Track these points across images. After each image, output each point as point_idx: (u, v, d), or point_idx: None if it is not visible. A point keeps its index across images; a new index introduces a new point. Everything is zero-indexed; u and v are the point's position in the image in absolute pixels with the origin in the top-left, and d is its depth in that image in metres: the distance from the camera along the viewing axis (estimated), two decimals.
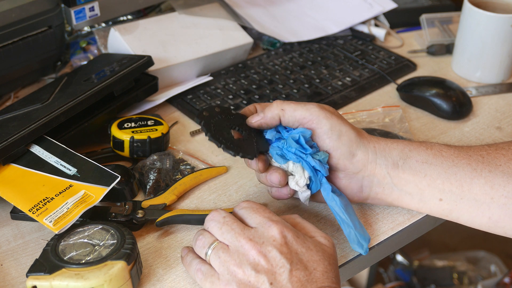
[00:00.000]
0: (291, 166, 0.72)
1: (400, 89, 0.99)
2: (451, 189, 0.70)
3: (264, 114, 0.72)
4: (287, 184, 0.72)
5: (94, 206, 0.71)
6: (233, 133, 0.73)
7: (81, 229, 0.68)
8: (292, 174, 0.72)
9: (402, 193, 0.72)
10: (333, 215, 0.73)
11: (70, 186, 0.73)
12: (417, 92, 0.96)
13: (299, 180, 0.71)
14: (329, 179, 0.73)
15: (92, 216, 0.73)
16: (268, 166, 0.73)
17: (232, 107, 0.95)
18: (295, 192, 0.73)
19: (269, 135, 0.73)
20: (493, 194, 0.69)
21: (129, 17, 1.12)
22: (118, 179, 0.73)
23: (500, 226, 0.70)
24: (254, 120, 0.73)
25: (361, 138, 0.71)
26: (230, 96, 0.98)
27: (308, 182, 0.72)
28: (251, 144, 0.72)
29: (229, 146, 0.70)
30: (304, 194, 0.72)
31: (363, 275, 1.65)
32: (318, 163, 0.70)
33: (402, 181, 0.71)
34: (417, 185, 0.71)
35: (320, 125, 0.70)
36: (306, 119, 0.71)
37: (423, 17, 1.16)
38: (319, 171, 0.71)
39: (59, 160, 0.76)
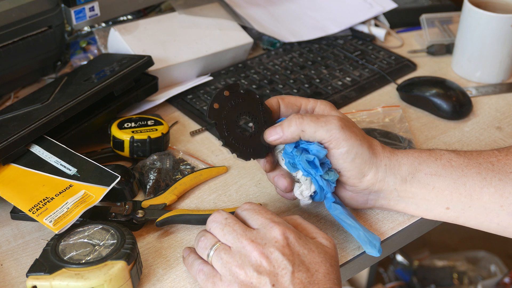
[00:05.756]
0: (299, 175, 0.72)
1: (400, 89, 0.99)
2: (459, 198, 0.70)
3: (283, 133, 0.70)
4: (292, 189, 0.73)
5: (94, 206, 0.71)
6: (243, 121, 0.71)
7: (81, 229, 0.68)
8: (299, 182, 0.72)
9: (408, 204, 0.72)
10: (337, 220, 0.73)
11: (70, 186, 0.73)
12: (417, 92, 0.96)
13: (304, 191, 0.72)
14: (335, 189, 0.74)
15: (92, 216, 0.73)
16: (275, 165, 0.73)
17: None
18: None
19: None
20: (503, 202, 0.69)
21: (129, 17, 1.12)
22: (118, 179, 0.73)
23: (509, 232, 0.70)
24: (273, 138, 0.70)
25: (375, 158, 0.70)
26: None
27: (313, 194, 0.72)
28: (261, 139, 0.72)
29: (242, 151, 0.70)
30: (305, 202, 0.73)
31: (363, 275, 1.65)
32: (326, 183, 0.70)
33: (409, 194, 0.71)
34: (424, 197, 0.71)
35: (337, 146, 0.69)
36: (325, 140, 0.69)
37: (423, 17, 1.16)
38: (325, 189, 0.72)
39: (59, 160, 0.76)
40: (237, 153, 0.70)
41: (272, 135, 0.70)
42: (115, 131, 0.84)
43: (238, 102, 0.71)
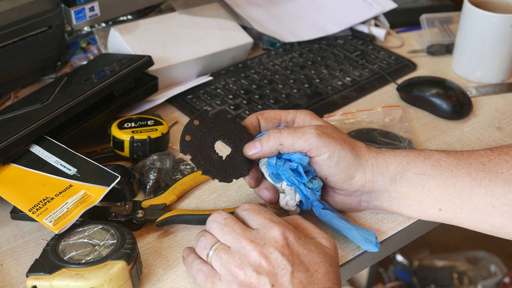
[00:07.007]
0: (284, 185, 0.72)
1: (400, 89, 0.99)
2: (450, 199, 0.70)
3: (262, 148, 0.71)
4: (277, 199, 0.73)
5: (94, 206, 0.71)
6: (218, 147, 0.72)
7: (81, 229, 0.68)
8: (283, 192, 0.72)
9: (401, 205, 0.72)
10: (330, 225, 0.73)
11: (70, 186, 0.73)
12: (417, 92, 0.96)
13: (289, 201, 0.72)
14: (327, 194, 0.74)
15: (92, 216, 0.73)
16: (260, 180, 0.73)
17: (232, 106, 0.95)
18: None
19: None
20: (494, 203, 0.68)
21: (129, 17, 1.12)
22: (118, 179, 0.73)
23: (503, 232, 0.70)
24: (252, 153, 0.72)
25: (359, 159, 0.70)
26: (230, 96, 0.98)
27: (298, 204, 0.73)
28: (240, 157, 0.72)
29: (222, 175, 0.71)
30: (293, 211, 0.74)
31: (363, 275, 1.65)
32: (310, 191, 0.71)
33: (400, 195, 0.71)
34: (416, 198, 0.71)
35: (319, 153, 0.69)
36: (305, 150, 0.70)
37: (423, 17, 1.16)
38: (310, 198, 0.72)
39: (59, 160, 0.76)
40: (218, 178, 0.71)
41: (251, 149, 0.71)
42: (115, 131, 0.84)
43: (209, 128, 0.72)
